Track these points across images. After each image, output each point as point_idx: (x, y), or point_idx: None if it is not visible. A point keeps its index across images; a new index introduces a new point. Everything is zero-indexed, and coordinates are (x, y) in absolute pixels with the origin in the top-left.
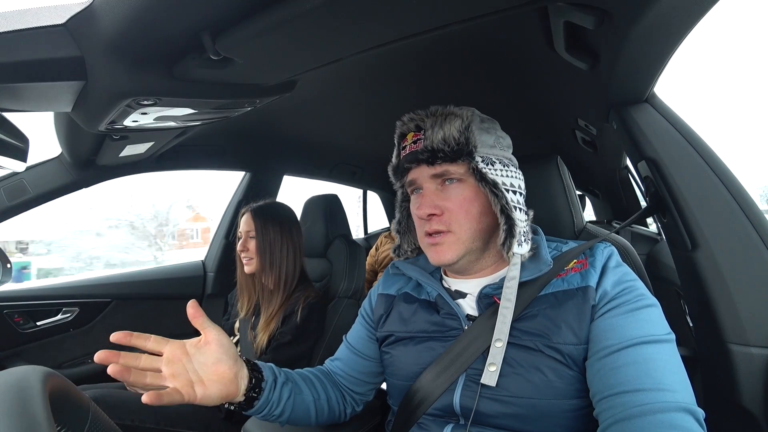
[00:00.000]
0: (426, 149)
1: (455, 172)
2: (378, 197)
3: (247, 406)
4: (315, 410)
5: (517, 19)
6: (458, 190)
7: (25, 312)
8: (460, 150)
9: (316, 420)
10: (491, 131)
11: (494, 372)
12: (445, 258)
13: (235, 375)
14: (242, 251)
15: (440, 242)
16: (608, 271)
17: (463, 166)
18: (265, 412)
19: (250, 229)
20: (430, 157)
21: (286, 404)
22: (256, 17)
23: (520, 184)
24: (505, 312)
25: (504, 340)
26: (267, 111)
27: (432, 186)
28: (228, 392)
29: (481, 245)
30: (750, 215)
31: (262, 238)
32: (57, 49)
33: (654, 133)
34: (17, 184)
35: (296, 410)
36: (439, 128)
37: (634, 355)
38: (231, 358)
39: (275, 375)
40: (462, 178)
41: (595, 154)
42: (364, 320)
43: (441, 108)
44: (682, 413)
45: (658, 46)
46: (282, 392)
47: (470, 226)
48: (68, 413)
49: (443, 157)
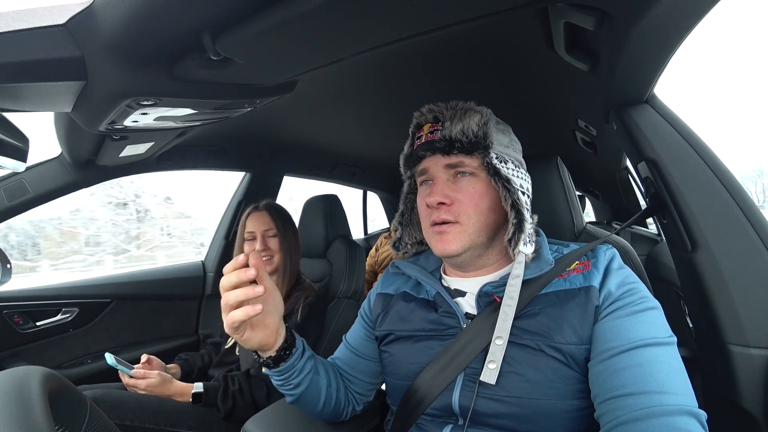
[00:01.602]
0: (444, 138)
1: (469, 164)
2: (378, 197)
3: (274, 364)
4: (325, 396)
5: (517, 20)
6: (470, 183)
7: (25, 312)
8: (477, 143)
9: (323, 408)
10: (506, 133)
11: (494, 370)
12: (449, 248)
13: (277, 329)
14: (263, 250)
15: (446, 231)
16: (611, 272)
17: (478, 159)
18: (286, 377)
19: (269, 227)
20: (447, 146)
21: (305, 377)
22: (256, 17)
23: (528, 187)
24: (507, 310)
25: (505, 338)
26: (267, 111)
27: (444, 176)
28: (267, 342)
29: (486, 241)
30: (750, 216)
31: (283, 235)
32: (57, 49)
33: (654, 134)
34: (17, 184)
35: (311, 387)
36: (458, 120)
37: (637, 358)
38: (278, 313)
39: (304, 347)
40: (475, 172)
41: (595, 155)
42: (363, 320)
43: (462, 103)
44: (686, 416)
45: (658, 46)
46: (306, 365)
47: (478, 219)
48: (66, 413)
49: (460, 147)
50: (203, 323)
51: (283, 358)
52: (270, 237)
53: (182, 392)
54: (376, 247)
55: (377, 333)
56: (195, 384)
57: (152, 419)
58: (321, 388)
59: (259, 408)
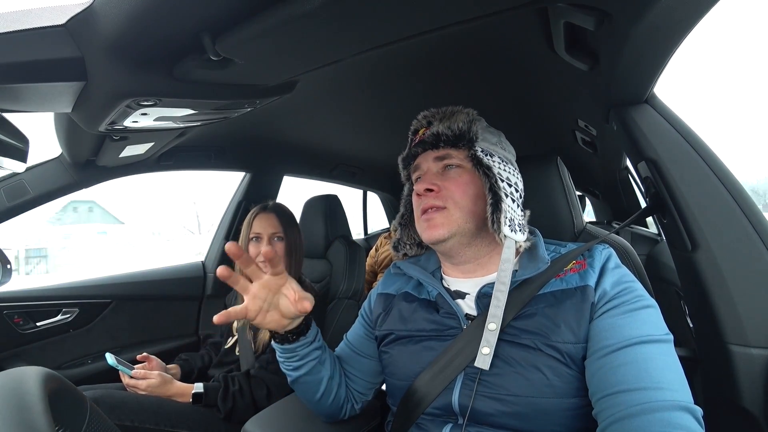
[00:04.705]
0: (432, 134)
1: (456, 156)
2: (378, 198)
3: (280, 341)
4: (325, 387)
5: (517, 20)
6: (457, 173)
7: (25, 313)
8: (462, 136)
9: (320, 398)
10: (496, 134)
11: (487, 355)
12: (435, 233)
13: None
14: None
15: (433, 217)
16: (607, 271)
17: (464, 152)
18: (287, 356)
19: (276, 230)
20: (435, 140)
21: (306, 364)
22: (256, 18)
23: (516, 182)
24: (499, 295)
25: (497, 323)
26: (267, 112)
27: (434, 168)
28: (280, 324)
29: (474, 229)
30: (750, 215)
31: (289, 239)
32: (57, 49)
33: (654, 134)
34: (17, 184)
35: (311, 375)
36: (446, 120)
37: (633, 355)
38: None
39: (316, 338)
40: (461, 164)
41: (595, 155)
42: (363, 320)
43: (452, 107)
44: (681, 412)
45: (658, 46)
46: (311, 353)
47: (465, 203)
48: (66, 413)
49: (446, 140)
50: (203, 323)
51: (289, 340)
52: (276, 240)
53: (182, 393)
54: (376, 248)
55: (377, 333)
56: (195, 384)
57: (152, 420)
58: (322, 378)
59: (259, 408)
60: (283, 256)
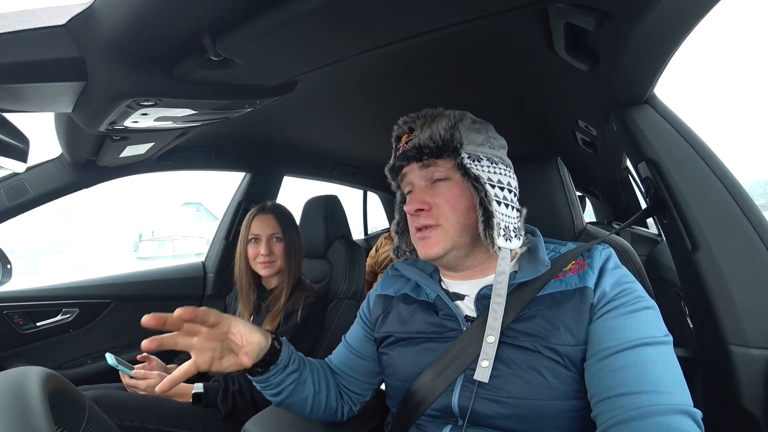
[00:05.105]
0: (415, 146)
1: (442, 166)
2: (378, 198)
3: (251, 373)
4: (311, 403)
5: (517, 20)
6: (446, 186)
7: (25, 313)
8: (445, 146)
9: (310, 412)
10: (482, 131)
11: (487, 368)
12: (432, 252)
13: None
14: (267, 254)
15: (428, 236)
16: (606, 272)
17: (449, 161)
18: (262, 386)
19: (275, 231)
20: (418, 153)
21: (285, 389)
22: (257, 18)
23: (509, 181)
24: (497, 308)
25: (496, 336)
26: (267, 111)
27: (422, 183)
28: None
29: (469, 240)
30: (750, 216)
31: (288, 240)
32: (57, 49)
33: (654, 134)
34: (17, 184)
35: (293, 397)
36: (427, 127)
37: (632, 358)
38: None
39: (289, 362)
40: (449, 176)
41: (595, 155)
42: (362, 321)
43: (432, 110)
44: (681, 415)
45: (658, 47)
46: (286, 378)
47: (457, 219)
48: (66, 413)
49: (429, 153)
50: None
51: (260, 372)
52: (275, 241)
53: (182, 393)
54: (376, 248)
55: (377, 335)
56: (195, 384)
57: (152, 419)
58: (306, 396)
59: (259, 408)
60: (282, 257)
